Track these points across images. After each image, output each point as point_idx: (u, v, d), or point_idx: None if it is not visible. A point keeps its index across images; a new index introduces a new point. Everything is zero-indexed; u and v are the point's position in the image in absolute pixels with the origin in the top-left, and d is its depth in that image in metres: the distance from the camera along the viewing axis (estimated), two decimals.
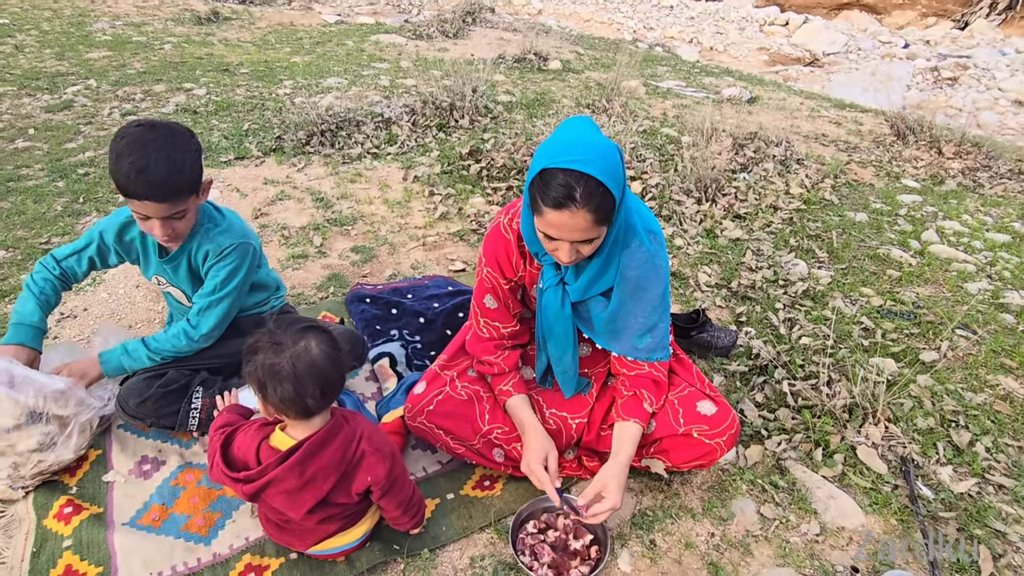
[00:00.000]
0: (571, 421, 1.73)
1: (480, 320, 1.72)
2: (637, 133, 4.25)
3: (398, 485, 1.45)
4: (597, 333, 1.63)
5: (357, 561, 1.55)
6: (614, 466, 1.54)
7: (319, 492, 1.35)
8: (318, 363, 1.27)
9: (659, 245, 1.54)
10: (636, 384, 1.64)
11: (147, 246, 1.83)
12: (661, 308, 1.57)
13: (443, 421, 1.70)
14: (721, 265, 2.89)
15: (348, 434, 1.38)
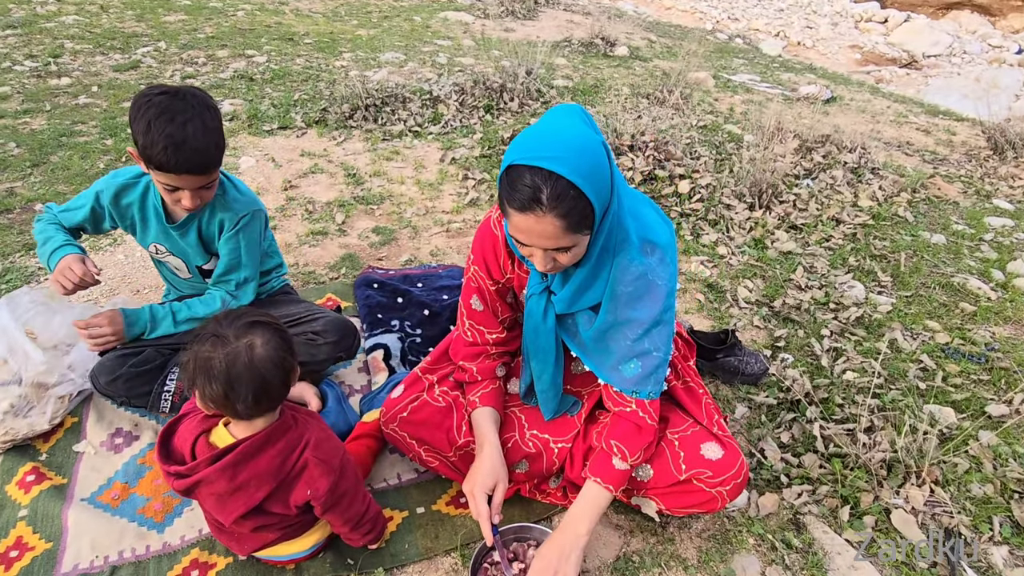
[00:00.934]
0: (553, 445, 1.54)
1: (466, 322, 1.54)
2: (695, 128, 3.93)
3: (345, 502, 1.30)
4: (584, 352, 1.42)
5: (306, 573, 1.42)
6: (565, 540, 1.34)
7: (251, 500, 1.21)
8: (257, 365, 1.13)
9: (659, 260, 1.30)
10: (614, 430, 1.41)
11: (147, 213, 1.73)
12: (656, 334, 1.33)
13: (417, 430, 1.54)
14: (766, 280, 2.59)
15: (292, 440, 1.24)
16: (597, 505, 1.36)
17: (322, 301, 2.28)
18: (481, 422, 1.49)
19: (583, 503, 1.37)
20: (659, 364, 1.36)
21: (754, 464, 1.76)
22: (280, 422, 1.24)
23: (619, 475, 1.37)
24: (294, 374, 1.20)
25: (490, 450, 1.43)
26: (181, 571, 1.43)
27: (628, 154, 3.23)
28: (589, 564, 1.49)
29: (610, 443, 1.38)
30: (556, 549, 1.33)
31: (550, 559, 1.32)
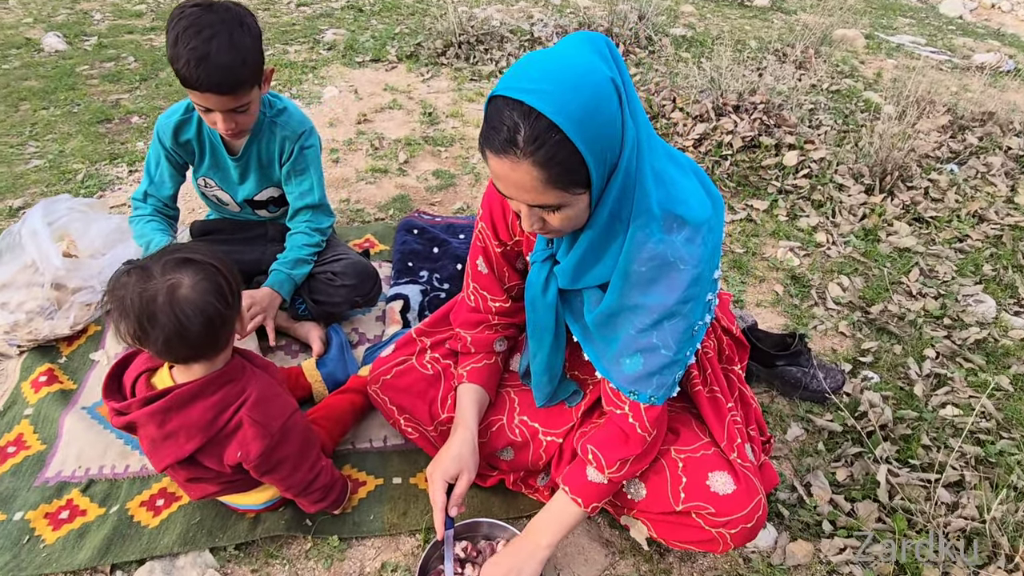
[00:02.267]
0: (542, 437, 1.31)
1: (470, 285, 1.33)
2: (824, 92, 3.35)
3: (284, 469, 1.17)
4: (585, 336, 1.17)
5: (261, 525, 1.33)
6: (523, 550, 1.13)
7: (180, 451, 1.11)
8: (175, 309, 0.99)
9: (686, 239, 1.01)
10: (598, 434, 1.16)
11: (203, 145, 1.66)
12: (667, 329, 1.05)
13: (398, 397, 1.38)
14: (868, 280, 2.14)
15: (229, 395, 1.11)
16: (563, 519, 1.15)
17: (359, 242, 2.16)
18: (463, 400, 1.29)
19: (548, 513, 1.16)
20: (666, 365, 1.08)
21: (793, 500, 1.44)
22: (221, 373, 1.12)
23: (592, 488, 1.14)
24: (224, 326, 1.06)
25: (463, 434, 1.24)
26: (149, 496, 1.39)
27: (730, 115, 2.79)
28: None
29: (587, 448, 1.14)
30: (511, 557, 1.14)
31: (502, 567, 1.13)
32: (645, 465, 1.16)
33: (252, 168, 1.69)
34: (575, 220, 0.97)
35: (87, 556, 1.26)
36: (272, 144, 1.65)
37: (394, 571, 1.29)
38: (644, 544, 1.24)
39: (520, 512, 1.39)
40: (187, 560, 1.28)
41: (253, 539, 1.30)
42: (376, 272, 1.80)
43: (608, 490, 1.15)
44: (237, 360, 1.17)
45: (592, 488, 1.14)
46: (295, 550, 1.32)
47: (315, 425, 1.41)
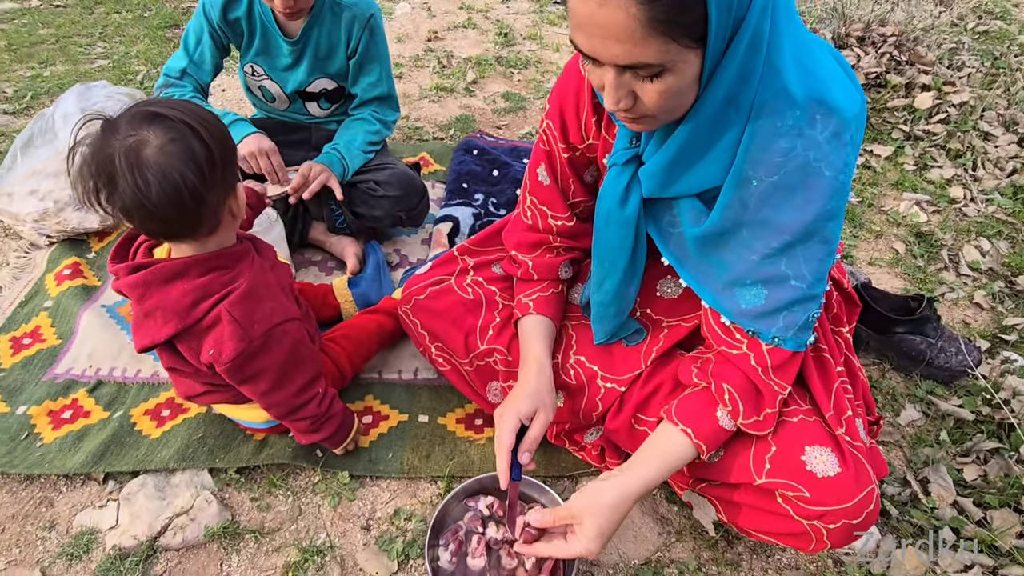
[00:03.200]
0: (601, 383, 1.07)
1: (527, 198, 1.08)
2: (969, 32, 2.82)
3: (263, 382, 0.98)
4: (682, 260, 0.91)
5: (266, 450, 1.17)
6: (611, 492, 0.87)
7: (156, 334, 0.93)
8: (136, 172, 0.80)
9: (832, 135, 0.73)
10: (726, 372, 0.90)
11: (254, 25, 1.48)
12: (803, 253, 0.79)
13: (431, 321, 1.16)
14: (1015, 245, 1.73)
15: (212, 284, 0.93)
16: (669, 458, 0.89)
17: (412, 159, 1.94)
18: (531, 333, 1.06)
19: (653, 449, 0.91)
20: (797, 300, 0.82)
21: (904, 497, 1.14)
22: (212, 256, 0.93)
23: (718, 433, 0.90)
24: (200, 204, 0.86)
25: (538, 368, 1.00)
26: (155, 405, 1.25)
27: (855, 48, 2.36)
28: (607, 557, 1.05)
29: (722, 387, 0.89)
30: (593, 497, 0.87)
31: (579, 508, 0.87)
32: (772, 426, 0.90)
33: (308, 54, 1.50)
34: (677, 97, 0.70)
35: (81, 460, 1.14)
36: (337, 29, 1.48)
37: (407, 520, 1.10)
38: (711, 528, 0.99)
39: (561, 471, 1.17)
40: (183, 478, 1.13)
41: (257, 464, 1.14)
42: (423, 186, 1.58)
43: (727, 436, 0.91)
44: (239, 248, 0.98)
45: (720, 434, 0.90)
46: (302, 482, 1.16)
47: (332, 345, 1.23)
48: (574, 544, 0.86)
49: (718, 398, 0.90)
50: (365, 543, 1.07)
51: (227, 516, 1.09)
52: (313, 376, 1.06)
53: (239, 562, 1.04)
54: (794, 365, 0.88)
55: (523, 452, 0.95)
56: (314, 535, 1.08)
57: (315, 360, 1.08)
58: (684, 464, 0.91)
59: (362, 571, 1.04)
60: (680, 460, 0.90)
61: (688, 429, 0.89)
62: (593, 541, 0.85)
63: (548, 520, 0.89)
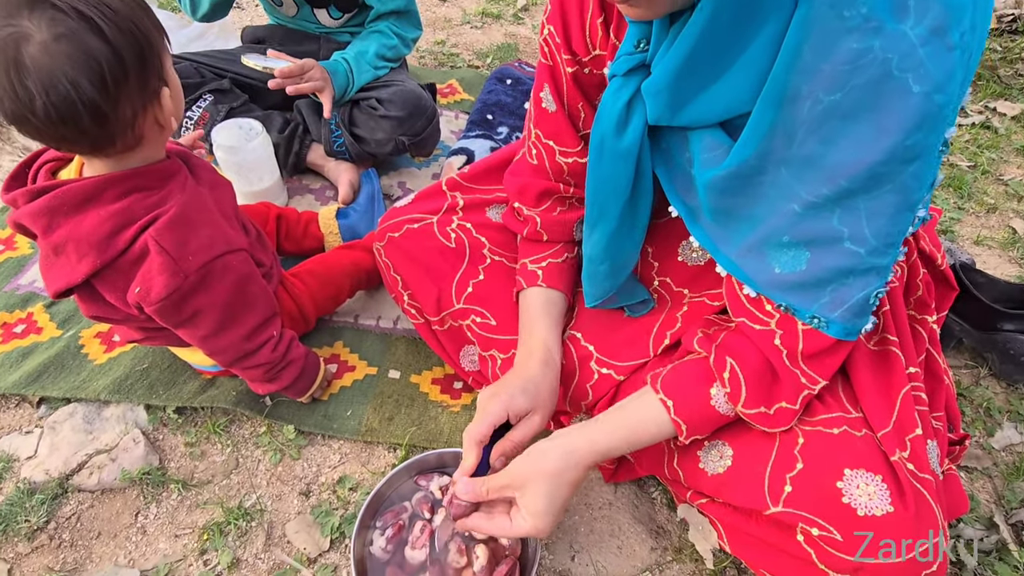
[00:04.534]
0: (595, 367, 0.84)
1: (532, 132, 0.84)
2: None
3: (202, 325, 0.82)
4: (694, 211, 0.67)
5: (209, 391, 1.02)
6: (554, 455, 0.67)
7: (72, 274, 0.78)
8: (10, 75, 0.62)
9: (933, 35, 0.47)
10: (737, 348, 0.67)
11: None
12: (866, 203, 0.54)
13: (403, 264, 0.96)
14: None
15: (136, 208, 0.75)
16: (638, 434, 0.69)
17: (440, 87, 1.73)
18: (538, 311, 0.84)
19: (621, 417, 0.70)
20: (851, 270, 0.57)
21: (989, 544, 0.86)
22: (132, 175, 0.76)
23: (707, 415, 0.68)
24: (107, 116, 0.67)
25: (544, 358, 0.78)
26: (108, 328, 1.13)
27: None
28: (581, 569, 0.85)
29: (724, 360, 0.66)
30: (539, 457, 0.68)
31: (523, 471, 0.67)
32: (787, 424, 0.67)
33: None
34: None
35: (15, 379, 1.03)
36: None
37: (352, 490, 0.93)
38: (708, 558, 0.76)
39: None
40: (116, 412, 1.00)
41: (196, 406, 1.00)
42: (432, 109, 1.36)
43: (720, 423, 0.70)
44: (166, 165, 0.80)
45: (707, 414, 0.68)
46: (246, 431, 1.00)
47: (295, 280, 1.05)
48: (518, 522, 0.67)
49: (716, 373, 0.67)
50: (299, 511, 0.91)
51: (154, 460, 0.95)
52: (266, 317, 0.89)
53: (157, 514, 0.91)
54: (836, 356, 0.63)
55: (498, 455, 0.74)
56: (245, 495, 0.93)
57: (268, 299, 0.90)
58: (655, 442, 0.70)
59: (289, 544, 0.88)
60: (649, 435, 0.69)
61: (668, 400, 0.67)
62: (540, 517, 0.65)
63: (480, 491, 0.69)
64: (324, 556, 0.86)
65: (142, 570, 0.85)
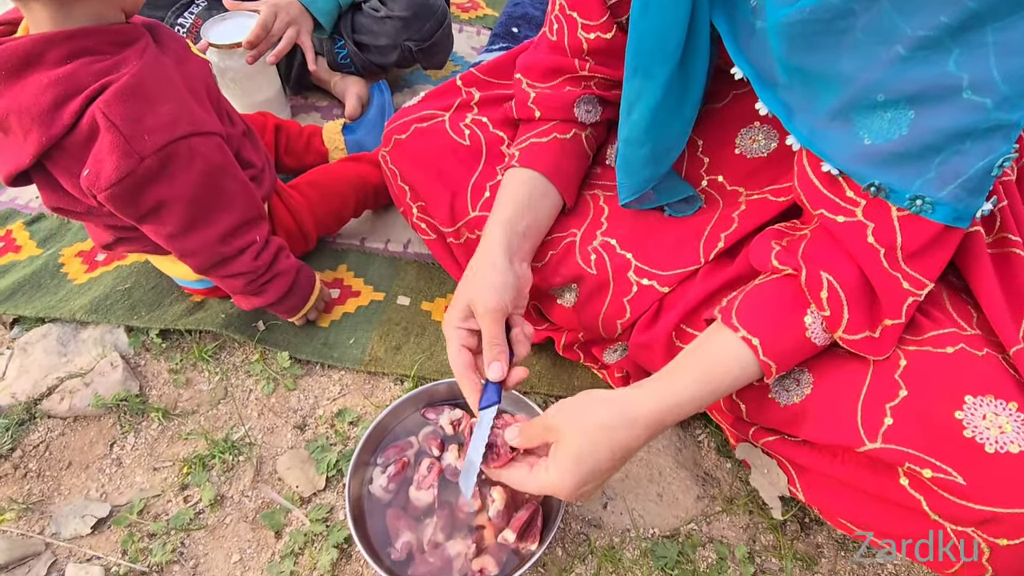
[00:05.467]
0: (634, 277, 0.70)
1: (555, 4, 0.69)
2: None
3: (168, 220, 0.69)
4: (765, 71, 0.52)
5: (196, 314, 0.91)
6: (610, 408, 0.53)
7: (20, 155, 0.65)
8: None
9: None
10: (821, 252, 0.53)
11: None
12: (1003, 31, 0.38)
13: (411, 170, 0.81)
14: None
15: (84, 73, 0.62)
16: (717, 382, 0.54)
17: (461, 1, 1.56)
18: (512, 193, 0.70)
19: (695, 364, 0.56)
20: (971, 130, 0.42)
21: None
22: (80, 34, 0.63)
23: (801, 349, 0.55)
24: None
25: (498, 253, 0.65)
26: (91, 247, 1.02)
27: None
28: (612, 518, 0.72)
29: (819, 276, 0.52)
30: (586, 408, 0.54)
31: (561, 421, 0.54)
32: (893, 346, 0.53)
33: None
34: None
35: None
36: None
37: (352, 424, 0.82)
38: (776, 508, 0.62)
39: (570, 390, 0.83)
40: (94, 334, 0.89)
41: (180, 328, 0.89)
42: (442, 9, 1.19)
43: (811, 353, 0.56)
44: (125, 29, 0.67)
45: (802, 350, 0.55)
46: (236, 358, 0.89)
47: (293, 192, 0.92)
48: (538, 472, 0.54)
49: (810, 294, 0.53)
50: (293, 445, 0.80)
51: (133, 387, 0.85)
52: (245, 219, 0.77)
53: (134, 445, 0.80)
54: (944, 250, 0.49)
55: (488, 362, 0.61)
56: (233, 427, 0.82)
57: (249, 199, 0.77)
58: (736, 389, 0.56)
59: (280, 481, 0.77)
60: (731, 382, 0.55)
61: (754, 338, 0.53)
62: (564, 474, 0.52)
63: (532, 438, 0.57)
64: (319, 496, 0.75)
65: (114, 505, 0.75)
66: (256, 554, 0.71)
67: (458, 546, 0.66)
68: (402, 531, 0.67)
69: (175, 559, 0.71)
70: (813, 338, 0.54)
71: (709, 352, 0.56)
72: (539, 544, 0.65)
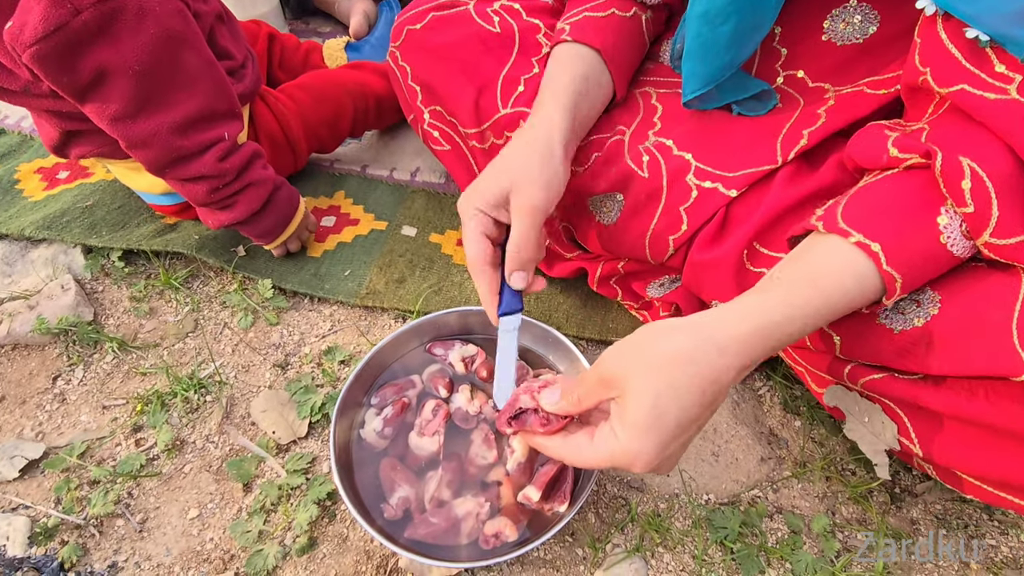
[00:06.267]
0: (694, 180, 0.56)
1: None
2: None
3: (112, 98, 0.57)
4: None
5: (166, 236, 0.77)
6: (685, 333, 0.39)
7: None
8: None
9: None
10: (956, 134, 0.39)
11: None
12: None
13: (428, 67, 0.67)
14: None
15: None
16: (824, 297, 0.40)
17: None
18: (553, 73, 0.57)
19: (793, 270, 0.42)
20: None
21: None
22: None
23: (933, 258, 0.40)
24: None
25: (546, 133, 0.52)
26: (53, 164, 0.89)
27: None
28: (658, 480, 0.59)
29: (958, 162, 0.38)
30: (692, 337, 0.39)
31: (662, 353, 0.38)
32: None
33: None
34: None
35: None
36: None
37: (343, 363, 0.68)
38: (882, 466, 0.48)
39: (603, 333, 0.70)
40: (45, 253, 0.76)
41: (145, 249, 0.75)
42: None
43: (946, 265, 0.42)
44: None
45: (935, 261, 0.41)
46: (212, 288, 0.76)
47: (281, 96, 0.79)
48: (603, 440, 0.40)
49: (946, 186, 0.39)
50: (272, 386, 0.67)
51: (86, 314, 0.71)
52: (213, 108, 0.63)
53: (82, 380, 0.67)
54: None
55: (512, 270, 0.49)
56: (202, 363, 0.68)
57: (218, 84, 0.64)
58: (848, 311, 0.42)
59: (254, 426, 0.63)
60: (844, 300, 0.41)
61: (873, 243, 0.40)
62: (643, 432, 0.38)
63: (575, 398, 0.43)
64: (299, 444, 0.62)
65: (51, 446, 0.62)
66: (218, 509, 0.58)
67: (468, 505, 0.52)
68: (399, 485, 0.54)
69: (118, 512, 0.57)
70: (950, 245, 0.40)
71: (812, 262, 0.42)
72: (569, 506, 0.51)
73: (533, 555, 0.54)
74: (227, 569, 0.54)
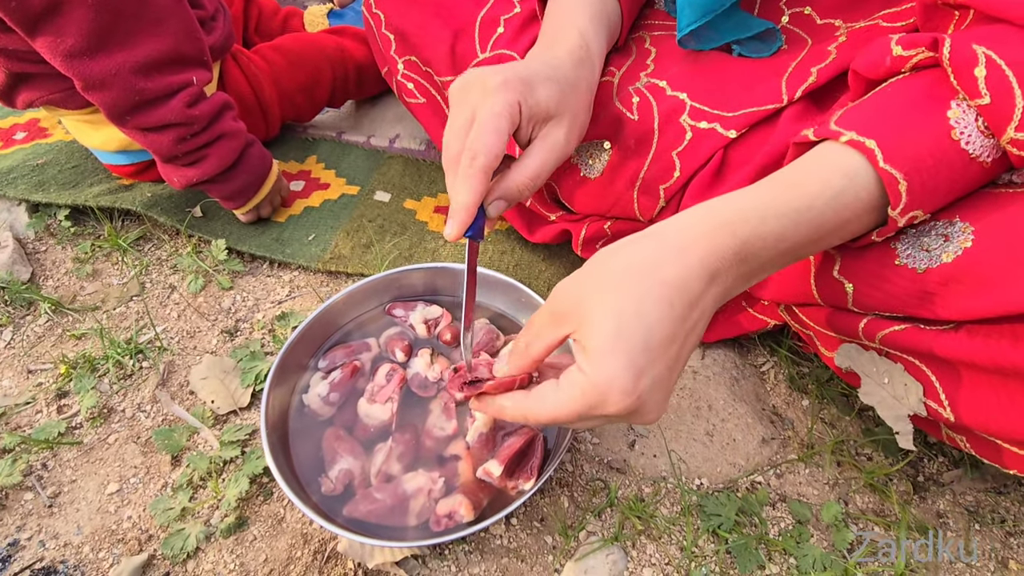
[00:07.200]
0: (689, 121, 0.49)
1: None
2: None
3: (67, 32, 0.51)
4: None
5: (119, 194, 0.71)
6: (641, 245, 0.33)
7: None
8: None
9: None
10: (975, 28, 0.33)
11: None
12: None
13: (402, 14, 0.61)
14: None
15: None
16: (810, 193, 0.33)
17: None
18: (569, 6, 0.50)
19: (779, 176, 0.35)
20: None
21: None
22: None
23: (943, 157, 0.33)
24: None
25: (577, 53, 0.46)
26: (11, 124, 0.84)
27: None
28: (643, 461, 0.51)
29: (971, 51, 0.31)
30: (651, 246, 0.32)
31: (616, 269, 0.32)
32: None
33: None
34: None
35: None
36: None
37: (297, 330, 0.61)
38: (903, 432, 0.40)
39: None
40: None
41: (94, 206, 0.69)
42: None
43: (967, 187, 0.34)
44: None
45: (946, 160, 0.33)
46: (164, 251, 0.69)
47: (255, 58, 0.73)
48: (566, 385, 0.33)
49: (956, 76, 0.33)
50: (213, 351, 0.60)
51: (22, 273, 0.65)
52: (180, 52, 0.57)
53: (10, 342, 0.61)
54: None
55: (495, 198, 0.42)
56: (143, 328, 0.62)
57: (187, 25, 0.58)
58: (838, 224, 0.35)
59: (192, 395, 0.57)
60: (827, 204, 0.34)
61: (867, 139, 0.33)
62: (608, 359, 0.31)
63: (518, 350, 0.36)
64: (240, 415, 0.55)
65: None
66: (141, 484, 0.51)
67: (419, 480, 0.45)
68: (341, 456, 0.46)
69: (28, 484, 0.50)
70: (964, 142, 0.33)
71: (795, 166, 0.36)
72: (535, 481, 0.44)
73: (495, 543, 0.46)
74: (142, 550, 0.47)
